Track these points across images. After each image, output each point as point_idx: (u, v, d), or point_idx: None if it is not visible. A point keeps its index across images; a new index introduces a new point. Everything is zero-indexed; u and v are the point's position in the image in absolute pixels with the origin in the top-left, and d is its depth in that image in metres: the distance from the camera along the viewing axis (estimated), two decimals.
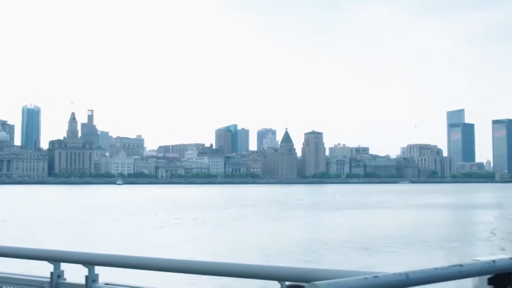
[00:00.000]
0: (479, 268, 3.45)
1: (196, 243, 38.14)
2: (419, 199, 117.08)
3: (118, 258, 4.35)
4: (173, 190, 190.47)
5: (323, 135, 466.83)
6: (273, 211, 74.26)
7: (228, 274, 3.82)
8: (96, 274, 4.36)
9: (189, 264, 3.98)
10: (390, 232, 44.13)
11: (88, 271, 4.32)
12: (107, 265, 4.22)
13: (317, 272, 3.45)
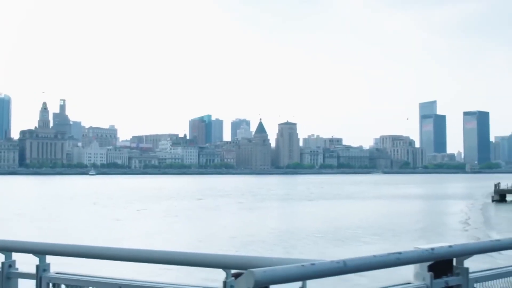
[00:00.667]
0: (418, 255, 3.54)
1: (168, 233, 38.04)
2: (391, 189, 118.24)
3: (68, 248, 4.37)
4: (147, 180, 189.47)
5: (297, 125, 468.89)
6: (246, 201, 74.36)
7: (174, 263, 3.86)
8: (48, 264, 4.37)
9: (135, 252, 4.02)
10: (361, 222, 44.53)
11: (39, 260, 4.34)
12: (57, 254, 4.24)
13: (260, 260, 3.51)
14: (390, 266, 3.36)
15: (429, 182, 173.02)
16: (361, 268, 3.19)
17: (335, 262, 3.07)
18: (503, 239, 4.26)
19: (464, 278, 3.91)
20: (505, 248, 4.28)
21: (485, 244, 4.09)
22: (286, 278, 2.90)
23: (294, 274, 2.91)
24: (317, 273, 3.03)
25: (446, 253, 3.68)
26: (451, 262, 3.94)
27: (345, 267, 3.09)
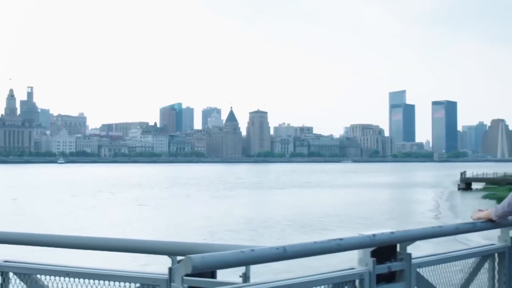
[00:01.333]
0: (359, 241, 3.61)
1: (137, 222, 37.92)
2: (360, 178, 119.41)
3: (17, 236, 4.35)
4: (116, 169, 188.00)
5: (268, 114, 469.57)
6: (216, 190, 74.44)
7: (121, 250, 3.88)
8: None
9: (83, 240, 4.03)
10: (329, 210, 44.96)
11: None
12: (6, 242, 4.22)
13: (205, 246, 3.55)
14: (331, 252, 3.43)
15: (398, 171, 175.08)
16: (301, 254, 3.24)
17: (275, 248, 3.12)
18: (445, 225, 4.37)
19: (407, 263, 3.99)
20: (447, 234, 4.39)
21: (427, 230, 4.18)
22: (225, 264, 2.94)
23: (233, 260, 2.94)
24: (256, 259, 3.07)
25: (388, 239, 3.76)
26: (395, 248, 4.02)
27: (285, 253, 3.14)
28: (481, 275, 4.96)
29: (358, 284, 3.75)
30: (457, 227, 4.46)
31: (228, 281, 3.54)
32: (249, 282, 3.45)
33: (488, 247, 5.02)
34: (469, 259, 4.84)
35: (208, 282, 3.45)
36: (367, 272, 3.74)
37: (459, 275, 4.74)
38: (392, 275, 4.01)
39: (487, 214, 4.67)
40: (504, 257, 4.98)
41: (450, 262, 4.54)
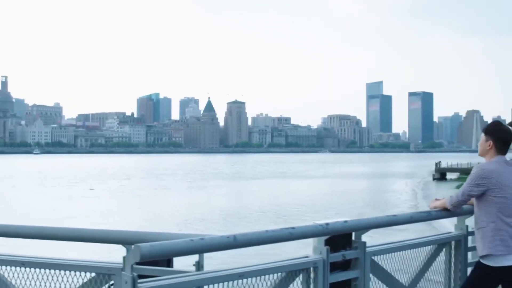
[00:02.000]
0: (312, 230, 3.67)
1: (113, 212, 37.73)
2: (337, 168, 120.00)
3: None
4: (93, 159, 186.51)
5: (245, 104, 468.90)
6: (193, 180, 74.36)
7: (76, 239, 3.89)
8: None
9: (38, 230, 4.03)
10: (305, 200, 45.21)
11: None
12: None
13: (158, 235, 3.58)
14: (283, 241, 3.48)
15: (374, 161, 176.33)
16: (252, 242, 3.29)
17: (225, 237, 3.16)
18: (400, 214, 4.46)
19: (361, 251, 4.07)
20: (402, 223, 4.48)
21: (381, 219, 4.26)
22: (174, 253, 2.98)
23: (182, 248, 2.98)
24: (206, 248, 3.11)
25: (341, 228, 3.83)
26: (350, 236, 4.09)
27: (235, 241, 3.18)
28: (438, 262, 5.08)
29: (312, 272, 3.81)
30: (412, 216, 4.54)
31: (182, 270, 3.58)
32: (203, 270, 3.48)
33: (445, 235, 5.13)
34: (426, 247, 4.94)
35: (159, 270, 3.49)
36: (321, 260, 3.80)
37: (416, 262, 4.84)
38: (347, 263, 4.08)
39: (442, 203, 4.76)
40: (460, 244, 5.10)
41: (408, 250, 4.63)
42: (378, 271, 4.33)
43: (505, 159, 4.62)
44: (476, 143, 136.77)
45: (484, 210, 4.49)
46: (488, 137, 4.69)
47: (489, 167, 4.51)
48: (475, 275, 4.65)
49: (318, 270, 3.78)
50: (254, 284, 3.46)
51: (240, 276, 3.35)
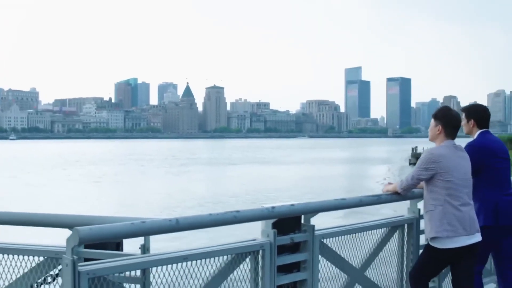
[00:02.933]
0: (257, 214, 3.72)
1: (88, 198, 37.55)
2: (315, 153, 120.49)
3: None
4: (70, 145, 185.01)
5: (224, 90, 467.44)
6: (171, 166, 74.19)
7: (20, 223, 3.91)
8: None
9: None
10: (281, 185, 45.39)
11: None
12: None
13: (103, 219, 3.61)
14: (227, 224, 3.53)
15: (352, 146, 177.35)
16: (195, 226, 3.33)
17: (167, 220, 3.20)
18: (349, 198, 4.53)
19: (310, 234, 4.13)
20: (350, 206, 4.56)
21: (329, 202, 4.32)
22: (113, 236, 3.01)
23: (122, 231, 3.02)
24: (147, 231, 3.15)
25: (287, 211, 3.89)
26: (299, 219, 4.16)
27: (177, 224, 3.22)
28: (391, 245, 5.18)
29: (260, 255, 3.87)
30: (361, 200, 4.62)
31: (129, 253, 3.61)
32: (148, 253, 3.52)
33: (398, 218, 5.23)
34: (380, 229, 5.04)
35: (106, 253, 3.51)
36: (268, 243, 3.86)
37: (368, 245, 4.93)
38: (297, 245, 4.15)
39: (393, 187, 4.86)
40: (412, 227, 5.20)
41: (362, 233, 4.70)
42: (328, 253, 4.41)
43: (454, 144, 4.72)
44: None
45: (432, 193, 4.59)
46: (437, 122, 4.79)
47: (437, 152, 4.61)
48: (424, 257, 4.76)
49: (265, 252, 3.84)
50: (199, 267, 3.51)
51: (185, 259, 3.40)
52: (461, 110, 5.54)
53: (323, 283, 4.42)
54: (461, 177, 4.58)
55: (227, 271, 3.70)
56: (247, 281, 3.85)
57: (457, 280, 4.74)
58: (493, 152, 5.29)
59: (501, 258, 5.47)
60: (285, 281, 4.02)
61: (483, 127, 5.44)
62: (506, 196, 5.27)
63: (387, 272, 5.13)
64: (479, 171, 5.24)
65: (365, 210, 8.12)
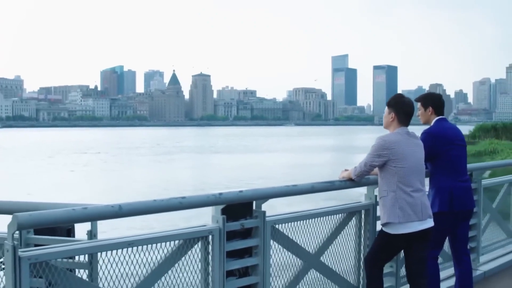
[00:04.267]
0: (203, 200, 3.77)
1: (70, 187, 37.40)
2: (302, 141, 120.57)
3: None
4: (56, 133, 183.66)
5: (211, 77, 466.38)
6: (157, 154, 74.03)
7: None
8: None
9: None
10: (265, 173, 45.38)
11: None
12: None
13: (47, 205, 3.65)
14: (172, 210, 3.58)
15: (339, 134, 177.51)
16: (138, 211, 3.37)
17: (110, 206, 3.24)
18: (300, 184, 4.58)
19: (261, 220, 4.19)
20: (302, 193, 4.61)
21: (280, 189, 4.37)
22: (53, 222, 3.05)
23: (63, 217, 3.05)
24: (88, 217, 3.19)
25: (235, 197, 3.94)
26: (251, 205, 4.21)
27: (120, 210, 3.26)
28: (349, 230, 5.25)
29: (210, 240, 3.92)
30: (313, 186, 4.67)
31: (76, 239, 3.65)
32: (96, 239, 3.56)
33: (355, 204, 5.31)
34: (336, 215, 5.10)
35: (50, 239, 3.56)
36: (217, 229, 3.91)
37: (324, 231, 5.00)
38: (248, 231, 4.21)
39: (348, 173, 4.92)
40: (369, 213, 5.28)
41: (318, 218, 4.74)
42: (281, 239, 4.47)
43: (407, 131, 4.79)
44: None
45: (385, 180, 4.66)
46: (391, 110, 4.87)
47: (390, 138, 4.67)
48: (377, 242, 4.85)
49: (214, 238, 3.89)
50: (145, 252, 3.56)
51: (130, 244, 3.44)
52: (416, 100, 5.62)
53: (276, 268, 4.48)
54: (414, 164, 4.65)
55: (176, 256, 3.74)
56: (196, 267, 3.91)
57: (410, 264, 4.84)
58: (449, 139, 5.37)
59: (456, 243, 5.58)
60: (235, 266, 4.07)
61: (439, 114, 5.53)
62: (461, 182, 5.37)
63: (344, 257, 5.20)
64: (435, 158, 5.33)
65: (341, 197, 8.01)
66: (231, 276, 4.07)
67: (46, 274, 3.09)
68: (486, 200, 7.38)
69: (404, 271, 5.58)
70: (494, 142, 60.43)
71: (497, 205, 7.74)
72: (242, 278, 4.15)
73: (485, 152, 54.15)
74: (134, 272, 3.51)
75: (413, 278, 4.81)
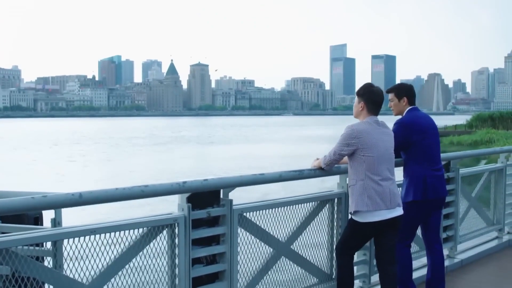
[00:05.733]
0: (166, 188, 3.81)
1: (71, 176, 37.50)
2: (299, 131, 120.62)
3: None
4: (54, 123, 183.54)
5: (209, 67, 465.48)
6: (154, 144, 74.07)
7: None
8: None
9: None
10: (260, 164, 45.46)
11: None
12: None
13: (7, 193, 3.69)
14: (134, 199, 3.62)
15: (337, 124, 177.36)
16: (100, 200, 3.41)
17: (70, 195, 3.28)
18: (267, 173, 4.62)
19: (227, 209, 4.23)
20: (270, 181, 4.64)
21: (247, 177, 4.41)
22: (11, 210, 3.09)
23: (21, 205, 3.09)
24: (48, 205, 3.24)
25: (199, 186, 3.98)
26: (218, 194, 4.26)
27: (80, 198, 3.30)
28: (320, 219, 5.30)
29: (175, 228, 3.97)
30: (281, 175, 4.71)
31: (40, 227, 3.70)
32: (60, 226, 3.60)
33: (328, 192, 5.36)
34: (308, 203, 5.15)
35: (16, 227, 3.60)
36: (182, 217, 3.96)
37: (296, 219, 5.04)
38: (216, 219, 4.26)
39: (319, 162, 4.96)
40: (341, 202, 5.33)
41: (273, 209, 4.76)
42: (250, 227, 4.51)
43: (376, 120, 4.82)
44: (437, 106, 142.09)
45: (354, 168, 4.70)
46: (360, 99, 4.90)
47: (358, 128, 4.71)
48: (347, 230, 4.89)
49: (179, 226, 3.93)
50: (109, 240, 3.60)
51: (92, 232, 3.48)
52: (388, 91, 5.66)
53: (245, 256, 4.53)
54: (382, 153, 4.68)
55: (141, 244, 3.79)
56: (161, 254, 3.95)
57: (379, 252, 4.89)
58: (421, 128, 5.41)
59: (429, 231, 5.63)
60: (202, 254, 4.12)
61: (412, 104, 5.57)
62: (434, 171, 5.41)
63: (317, 246, 5.26)
64: (408, 147, 5.37)
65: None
66: (198, 263, 4.12)
67: (7, 261, 3.15)
68: (465, 189, 7.42)
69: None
70: (490, 131, 60.50)
71: (476, 194, 7.78)
72: (210, 265, 4.20)
73: (481, 141, 54.25)
74: (98, 260, 3.56)
75: (382, 266, 4.87)
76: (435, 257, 5.62)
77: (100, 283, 3.59)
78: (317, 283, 5.23)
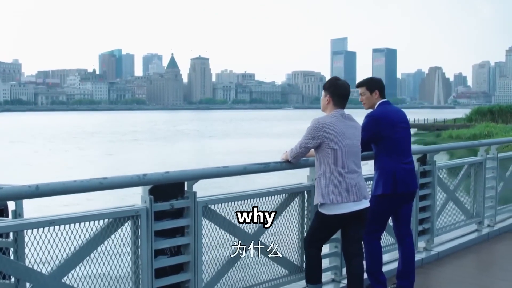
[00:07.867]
0: (126, 181, 3.86)
1: (70, 170, 37.51)
2: (299, 125, 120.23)
3: None
4: (54, 117, 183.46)
5: (209, 60, 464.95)
6: (154, 138, 74.09)
7: None
8: None
9: None
10: (258, 159, 45.50)
11: None
12: None
13: None
14: (92, 191, 3.68)
15: None
16: (57, 192, 3.47)
17: (27, 186, 3.33)
18: (231, 166, 4.68)
19: (191, 201, 4.29)
20: (234, 174, 4.70)
21: (210, 170, 4.46)
22: None
23: None
24: (4, 197, 3.30)
25: (160, 178, 4.04)
26: (183, 186, 4.32)
27: (38, 190, 3.36)
28: (290, 211, 5.35)
29: (138, 220, 4.02)
30: (246, 167, 4.76)
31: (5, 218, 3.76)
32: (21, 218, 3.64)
33: (297, 185, 5.42)
34: (278, 195, 5.20)
35: None
36: (144, 209, 4.02)
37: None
38: (180, 211, 4.32)
39: (286, 155, 5.02)
40: (311, 194, 5.39)
41: (238, 201, 4.80)
42: (215, 219, 4.57)
43: (342, 113, 4.88)
44: (438, 99, 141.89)
45: (319, 161, 4.76)
46: (326, 92, 4.96)
47: (324, 121, 4.76)
48: (314, 222, 4.96)
49: (141, 218, 3.99)
50: (68, 231, 3.66)
51: (51, 223, 3.54)
52: (358, 85, 5.71)
53: (211, 248, 4.59)
54: (348, 146, 4.73)
55: (102, 236, 3.85)
56: (123, 246, 4.01)
57: (346, 244, 4.95)
58: (392, 122, 5.45)
59: (399, 224, 5.69)
60: (165, 245, 4.18)
61: (383, 97, 5.62)
62: (404, 164, 5.45)
63: (287, 238, 5.31)
64: (378, 141, 5.42)
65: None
66: (162, 255, 4.19)
67: None
68: (443, 182, 7.46)
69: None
70: (490, 125, 60.40)
71: (455, 187, 7.82)
72: (174, 257, 4.27)
73: (480, 135, 54.16)
74: (57, 251, 3.62)
75: (349, 257, 4.93)
76: (406, 250, 5.68)
77: (60, 274, 3.65)
78: (287, 274, 5.29)
